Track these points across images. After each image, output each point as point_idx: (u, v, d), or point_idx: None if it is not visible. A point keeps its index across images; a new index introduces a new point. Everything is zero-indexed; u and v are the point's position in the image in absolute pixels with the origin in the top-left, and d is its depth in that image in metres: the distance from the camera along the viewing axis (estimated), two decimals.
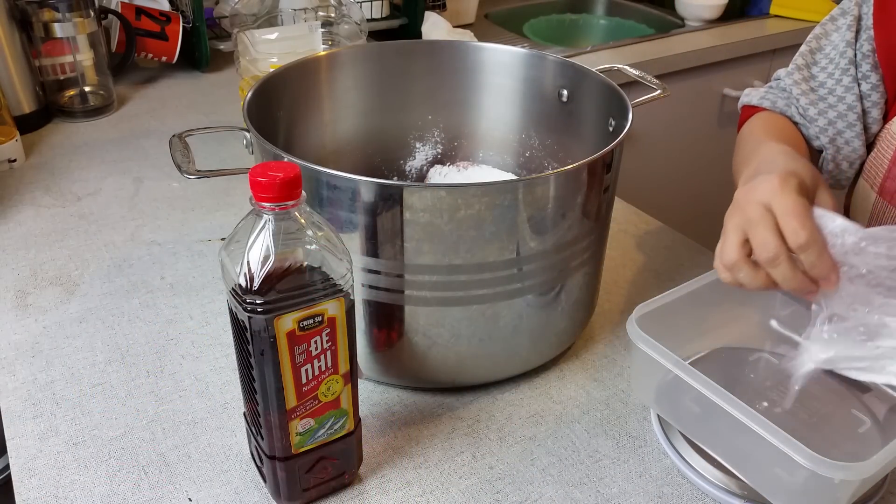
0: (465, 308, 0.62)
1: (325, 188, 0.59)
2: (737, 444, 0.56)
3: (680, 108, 1.62)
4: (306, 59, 0.78)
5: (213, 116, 1.18)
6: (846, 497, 0.52)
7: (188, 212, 0.94)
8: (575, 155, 0.79)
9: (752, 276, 0.55)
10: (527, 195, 0.59)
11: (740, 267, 0.55)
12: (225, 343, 0.74)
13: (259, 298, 0.47)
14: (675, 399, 0.61)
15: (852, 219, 0.79)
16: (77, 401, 0.67)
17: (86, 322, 0.76)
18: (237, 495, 0.59)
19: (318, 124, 0.81)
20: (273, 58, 1.03)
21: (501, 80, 0.83)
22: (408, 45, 0.86)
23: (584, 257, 0.67)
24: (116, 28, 1.25)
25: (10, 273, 0.82)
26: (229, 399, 0.67)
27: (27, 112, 1.11)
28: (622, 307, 0.80)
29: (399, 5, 1.49)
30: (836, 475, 0.49)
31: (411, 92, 0.84)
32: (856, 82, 0.75)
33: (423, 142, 0.87)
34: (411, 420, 0.66)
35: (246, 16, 1.21)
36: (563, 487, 0.60)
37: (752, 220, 0.54)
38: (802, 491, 0.52)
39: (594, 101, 0.76)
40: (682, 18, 1.73)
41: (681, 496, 0.59)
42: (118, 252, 0.86)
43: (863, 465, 0.49)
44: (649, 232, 0.93)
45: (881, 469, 0.50)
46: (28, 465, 0.61)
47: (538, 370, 0.71)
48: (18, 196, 0.96)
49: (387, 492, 0.59)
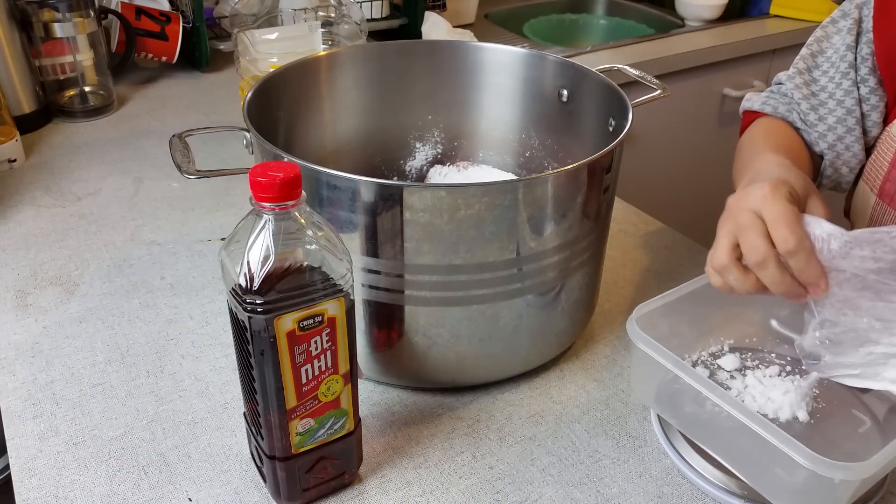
0: (465, 308, 0.62)
1: (325, 188, 0.59)
2: (737, 445, 0.56)
3: (680, 108, 1.62)
4: (306, 59, 0.78)
5: (213, 116, 1.18)
6: (846, 497, 0.52)
7: (188, 212, 0.94)
8: (575, 155, 0.79)
9: (741, 280, 0.56)
10: (527, 195, 0.59)
11: (730, 270, 0.56)
12: (225, 343, 0.74)
13: (259, 298, 0.47)
14: (675, 399, 0.61)
15: (853, 222, 0.79)
16: (77, 401, 0.67)
17: (86, 322, 0.76)
18: (237, 495, 0.59)
19: (318, 124, 0.81)
20: (273, 58, 1.03)
21: (501, 80, 0.83)
22: (408, 45, 0.86)
23: (584, 257, 0.67)
24: (116, 28, 1.25)
25: (10, 273, 0.82)
26: (229, 399, 0.67)
27: (27, 112, 1.11)
28: (622, 307, 0.80)
29: (399, 5, 1.49)
30: (837, 475, 0.49)
31: (411, 92, 0.84)
32: (855, 86, 0.75)
33: (423, 142, 0.87)
34: (411, 420, 0.66)
35: (246, 16, 1.21)
36: (563, 487, 0.60)
37: (743, 226, 0.55)
38: (802, 491, 0.52)
39: (594, 101, 0.76)
40: (682, 18, 1.73)
41: (681, 496, 0.59)
42: (118, 252, 0.86)
43: (863, 465, 0.49)
44: (649, 232, 0.93)
45: (881, 469, 0.50)
46: (28, 465, 0.61)
47: (538, 370, 0.71)
48: (18, 196, 0.96)
49: (387, 492, 0.59)
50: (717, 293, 0.64)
